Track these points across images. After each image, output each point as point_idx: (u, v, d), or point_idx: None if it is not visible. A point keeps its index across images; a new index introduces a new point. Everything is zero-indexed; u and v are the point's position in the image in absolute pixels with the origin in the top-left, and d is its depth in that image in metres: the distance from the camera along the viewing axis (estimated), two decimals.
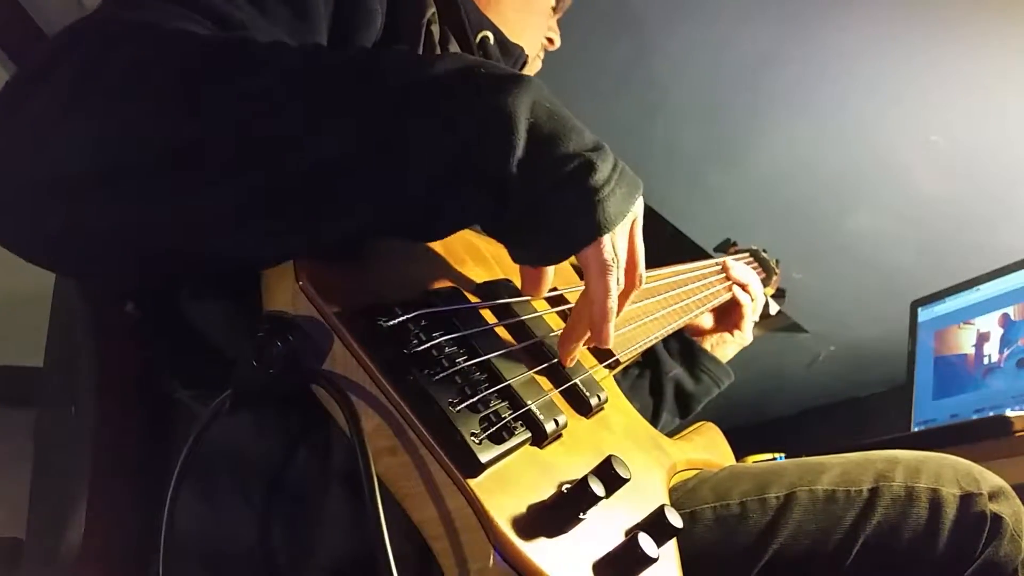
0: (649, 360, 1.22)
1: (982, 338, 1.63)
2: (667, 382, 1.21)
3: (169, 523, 0.52)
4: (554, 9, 1.07)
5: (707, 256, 1.40)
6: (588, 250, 0.57)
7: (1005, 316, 1.61)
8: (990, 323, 1.63)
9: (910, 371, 1.77)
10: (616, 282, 0.59)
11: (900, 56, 1.77)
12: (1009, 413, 1.29)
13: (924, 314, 1.82)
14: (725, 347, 1.30)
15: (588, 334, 0.64)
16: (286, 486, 0.56)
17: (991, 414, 1.47)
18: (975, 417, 1.53)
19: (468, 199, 0.53)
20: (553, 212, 0.55)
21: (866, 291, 2.34)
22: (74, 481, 0.60)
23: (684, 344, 1.26)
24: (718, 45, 1.85)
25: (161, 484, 0.58)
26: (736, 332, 1.31)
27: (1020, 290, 1.60)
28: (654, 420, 1.20)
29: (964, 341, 1.67)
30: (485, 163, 0.52)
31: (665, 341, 1.21)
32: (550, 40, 1.09)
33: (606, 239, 0.57)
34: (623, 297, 0.64)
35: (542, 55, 1.09)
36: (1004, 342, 1.58)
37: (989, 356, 1.60)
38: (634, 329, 0.95)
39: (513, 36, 0.96)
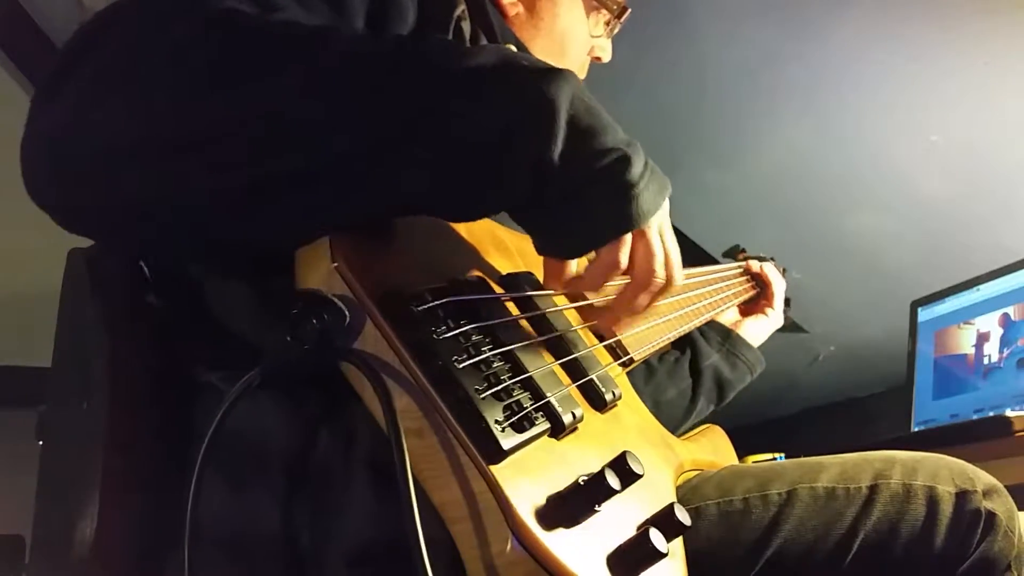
0: (687, 347, 1.23)
1: (982, 338, 1.63)
2: (705, 369, 1.21)
3: (194, 505, 0.53)
4: (607, 24, 1.09)
5: (712, 258, 1.42)
6: (612, 244, 0.59)
7: (1005, 316, 1.61)
8: (990, 323, 1.63)
9: (910, 371, 1.77)
10: (603, 279, 0.61)
11: (900, 56, 1.77)
12: (1009, 413, 1.29)
13: (924, 314, 1.82)
14: (758, 329, 1.33)
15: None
16: (309, 472, 0.57)
17: (991, 414, 1.47)
18: (975, 417, 1.53)
19: (507, 184, 0.55)
20: (588, 203, 0.56)
21: (866, 291, 2.34)
22: (86, 476, 0.60)
23: (721, 332, 1.27)
24: (718, 44, 1.85)
25: (180, 473, 0.59)
26: (769, 311, 1.35)
27: (1020, 290, 1.60)
28: (691, 404, 1.21)
29: (964, 341, 1.67)
30: (526, 150, 0.53)
31: (702, 329, 1.24)
32: (598, 57, 1.11)
33: (627, 239, 0.59)
34: (662, 292, 0.65)
35: (583, 75, 1.10)
36: (1004, 342, 1.58)
37: (989, 356, 1.60)
38: (649, 329, 0.96)
39: None
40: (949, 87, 1.80)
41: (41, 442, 0.75)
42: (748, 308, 1.37)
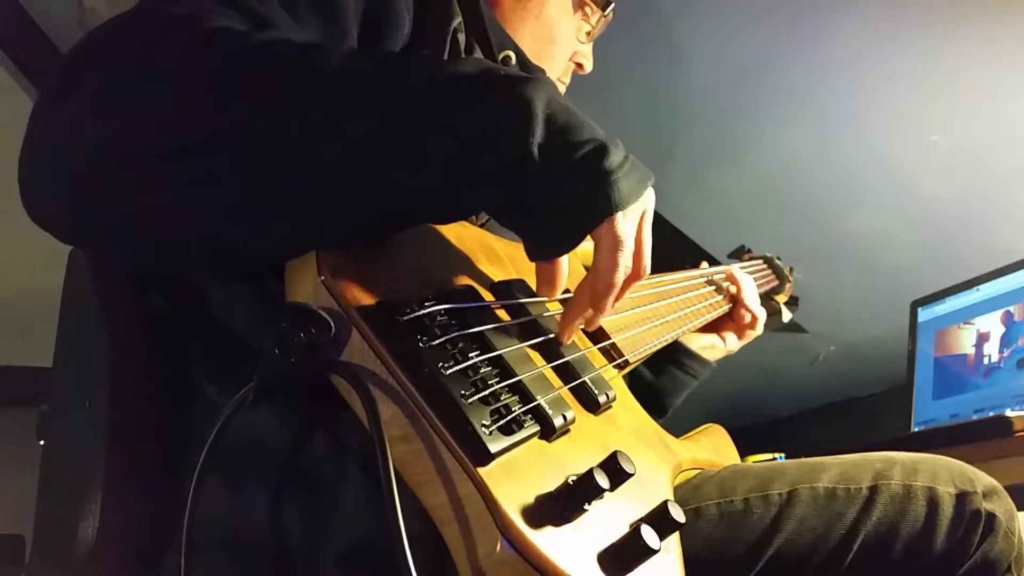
0: None
1: (982, 338, 1.63)
2: None
3: (192, 511, 0.54)
4: (588, 35, 1.09)
5: (712, 259, 1.40)
6: (602, 227, 0.60)
7: (1005, 316, 1.61)
8: (990, 323, 1.63)
9: (910, 371, 1.77)
10: (624, 261, 0.61)
11: (901, 56, 1.77)
12: (1009, 413, 1.29)
13: (924, 314, 1.82)
14: (712, 351, 1.25)
15: (588, 311, 0.66)
16: (305, 473, 0.58)
17: (991, 414, 1.47)
18: (975, 417, 1.53)
19: (491, 183, 0.56)
20: (569, 193, 0.57)
21: (866, 291, 2.34)
22: (87, 476, 0.60)
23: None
24: (718, 44, 1.85)
25: (179, 477, 0.59)
26: (726, 334, 1.26)
27: (1020, 290, 1.60)
28: None
29: (964, 341, 1.68)
30: (506, 146, 0.55)
31: None
32: (580, 65, 1.11)
33: (619, 217, 0.60)
34: (627, 283, 0.65)
35: (567, 80, 1.11)
36: (1004, 342, 1.58)
37: (989, 356, 1.60)
38: (646, 331, 0.95)
39: (533, 61, 0.98)
40: (949, 87, 1.80)
41: (42, 442, 0.75)
42: (706, 330, 1.24)
